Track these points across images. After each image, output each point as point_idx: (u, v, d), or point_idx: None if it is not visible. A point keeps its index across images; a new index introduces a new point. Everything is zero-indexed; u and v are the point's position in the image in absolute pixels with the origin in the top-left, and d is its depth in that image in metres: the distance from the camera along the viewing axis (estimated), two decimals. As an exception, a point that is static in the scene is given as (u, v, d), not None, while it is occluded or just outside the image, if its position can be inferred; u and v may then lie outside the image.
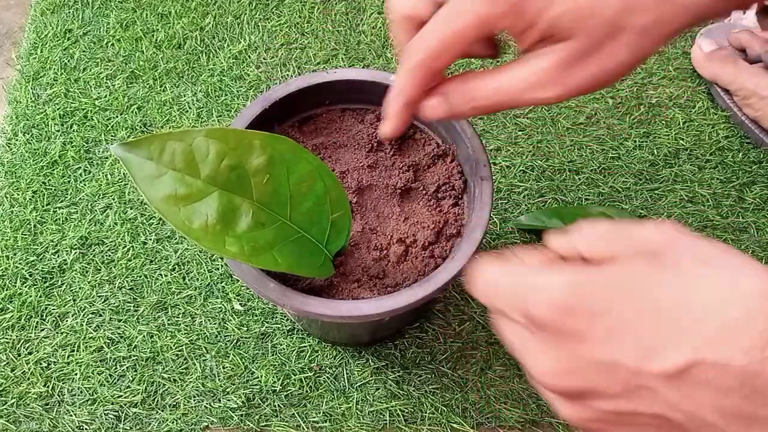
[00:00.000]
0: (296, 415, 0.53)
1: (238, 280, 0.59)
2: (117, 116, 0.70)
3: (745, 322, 0.21)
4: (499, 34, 0.33)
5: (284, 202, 0.36)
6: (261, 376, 0.55)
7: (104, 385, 0.55)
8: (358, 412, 0.53)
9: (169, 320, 0.58)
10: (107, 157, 0.67)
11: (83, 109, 0.70)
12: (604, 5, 0.28)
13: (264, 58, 0.74)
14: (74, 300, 0.59)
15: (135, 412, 0.54)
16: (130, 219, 0.63)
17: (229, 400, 0.54)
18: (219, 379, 0.55)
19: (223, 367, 0.55)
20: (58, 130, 0.69)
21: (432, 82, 0.33)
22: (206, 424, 0.53)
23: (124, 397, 0.54)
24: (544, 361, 0.25)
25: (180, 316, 0.58)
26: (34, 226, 0.63)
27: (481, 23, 0.29)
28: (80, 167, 0.66)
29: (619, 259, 0.25)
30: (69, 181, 0.65)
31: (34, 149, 0.68)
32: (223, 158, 0.33)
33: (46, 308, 0.58)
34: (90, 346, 0.56)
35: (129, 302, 0.58)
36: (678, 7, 0.29)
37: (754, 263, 0.23)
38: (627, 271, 0.24)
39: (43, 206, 0.64)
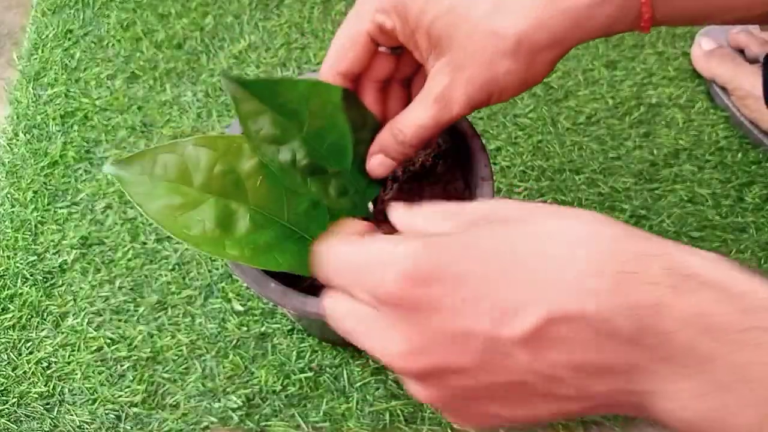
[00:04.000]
0: (296, 415, 0.53)
1: (238, 280, 0.59)
2: (117, 116, 0.70)
3: (596, 267, 0.20)
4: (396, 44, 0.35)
5: (280, 204, 0.36)
6: (261, 376, 0.55)
7: (105, 385, 0.55)
8: (359, 412, 0.53)
9: (169, 320, 0.58)
10: (108, 157, 0.67)
11: (84, 109, 0.70)
12: (479, 1, 0.28)
13: (264, 58, 0.74)
14: (75, 300, 0.59)
15: (135, 412, 0.54)
16: (130, 219, 0.63)
17: (229, 400, 0.54)
18: (219, 379, 0.55)
19: (223, 367, 0.55)
20: (59, 130, 0.69)
21: (347, 84, 0.34)
22: (206, 424, 0.53)
23: (125, 397, 0.54)
24: (393, 341, 0.22)
25: (180, 316, 0.58)
26: (35, 226, 0.63)
27: (372, 24, 0.31)
28: (81, 167, 0.66)
29: (465, 227, 0.23)
30: (69, 181, 0.65)
31: (35, 149, 0.68)
32: (214, 165, 0.34)
33: (46, 308, 0.58)
34: (90, 346, 0.56)
35: (129, 302, 0.59)
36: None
37: (600, 215, 0.22)
38: (479, 234, 0.22)
39: (43, 206, 0.64)
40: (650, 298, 0.19)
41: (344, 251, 0.24)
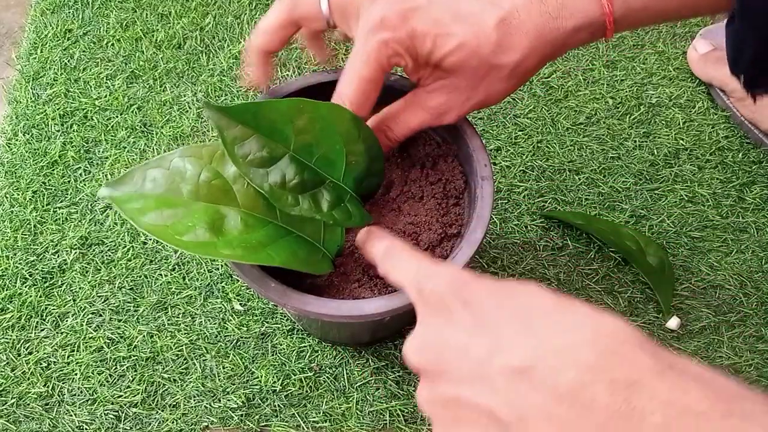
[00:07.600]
0: (296, 415, 0.53)
1: (238, 280, 0.59)
2: (117, 116, 0.70)
3: (588, 343, 0.22)
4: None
5: (270, 204, 0.36)
6: (261, 376, 0.55)
7: (104, 385, 0.55)
8: (358, 412, 0.53)
9: (169, 320, 0.58)
10: (107, 157, 0.67)
11: (83, 109, 0.70)
12: (484, 42, 0.33)
13: (264, 58, 0.74)
14: (74, 300, 0.59)
15: (135, 412, 0.54)
16: (130, 219, 0.63)
17: (229, 400, 0.54)
18: (219, 379, 0.55)
19: (223, 367, 0.55)
20: (58, 130, 0.69)
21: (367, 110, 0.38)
22: (206, 424, 0.53)
23: (124, 397, 0.54)
24: (414, 335, 0.27)
25: (180, 316, 0.58)
26: (34, 226, 0.63)
27: (388, 66, 0.35)
28: (80, 167, 0.66)
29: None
30: (69, 181, 0.65)
31: (34, 149, 0.67)
32: (200, 173, 0.35)
33: (46, 308, 0.58)
34: (90, 346, 0.56)
35: (129, 302, 0.58)
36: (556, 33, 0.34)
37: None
38: (508, 285, 0.26)
39: (43, 206, 0.64)
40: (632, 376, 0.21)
41: (410, 254, 0.31)
